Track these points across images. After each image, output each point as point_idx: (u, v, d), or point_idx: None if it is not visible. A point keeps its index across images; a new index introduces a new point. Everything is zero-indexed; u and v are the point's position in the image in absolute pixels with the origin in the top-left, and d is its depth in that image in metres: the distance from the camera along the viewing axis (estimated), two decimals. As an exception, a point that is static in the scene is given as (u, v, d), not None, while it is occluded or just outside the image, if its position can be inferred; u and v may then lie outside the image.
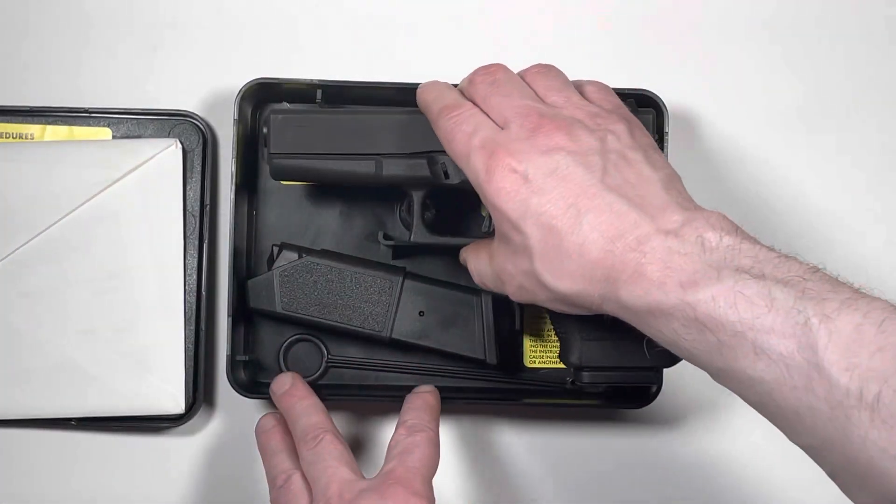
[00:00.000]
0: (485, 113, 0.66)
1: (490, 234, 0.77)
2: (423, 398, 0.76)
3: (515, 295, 0.66)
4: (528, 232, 0.61)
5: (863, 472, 0.52)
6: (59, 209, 0.79)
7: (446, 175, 0.75)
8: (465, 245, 0.76)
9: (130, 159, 0.80)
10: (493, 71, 0.68)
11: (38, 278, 0.79)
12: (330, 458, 0.71)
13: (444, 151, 0.72)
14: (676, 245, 0.58)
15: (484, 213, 0.79)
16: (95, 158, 0.80)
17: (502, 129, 0.64)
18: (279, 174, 0.77)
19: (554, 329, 0.79)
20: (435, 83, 0.71)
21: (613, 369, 0.72)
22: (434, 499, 0.69)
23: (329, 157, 0.75)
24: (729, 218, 0.59)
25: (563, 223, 0.60)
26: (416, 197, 0.76)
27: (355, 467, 0.71)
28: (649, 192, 0.61)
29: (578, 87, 0.69)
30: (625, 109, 0.68)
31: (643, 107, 0.81)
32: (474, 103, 0.67)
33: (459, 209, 0.80)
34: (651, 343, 0.61)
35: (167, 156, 0.81)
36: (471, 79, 0.68)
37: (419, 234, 0.77)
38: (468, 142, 0.64)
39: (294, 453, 0.74)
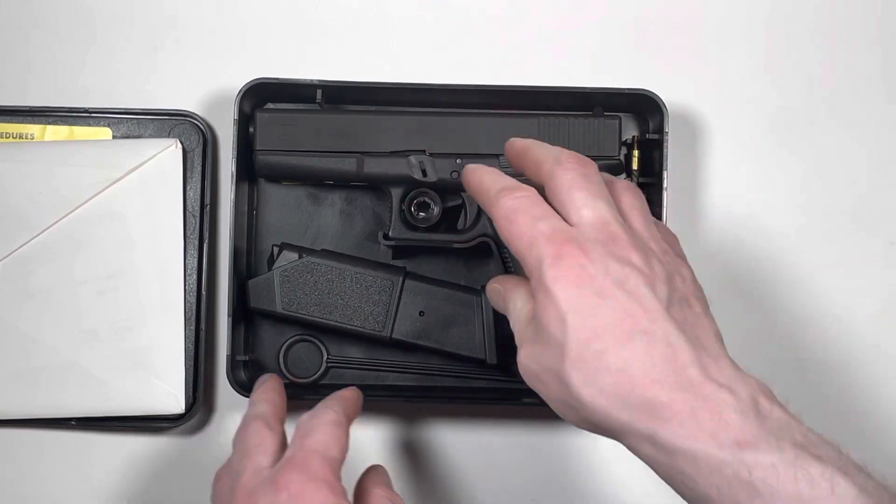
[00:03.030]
0: (554, 204, 0.63)
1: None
2: (337, 393, 0.72)
3: (532, 383, 0.63)
4: (572, 326, 0.58)
5: None
6: (59, 209, 0.79)
7: (424, 173, 0.78)
8: (444, 242, 0.79)
9: (131, 159, 0.80)
10: (586, 164, 0.63)
11: (39, 278, 0.79)
12: (248, 446, 0.67)
13: (422, 151, 0.78)
14: (730, 400, 0.56)
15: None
16: (96, 158, 0.80)
17: (572, 225, 0.61)
18: (264, 170, 0.80)
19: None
20: (485, 168, 0.67)
21: None
22: (338, 481, 0.64)
23: (312, 154, 0.79)
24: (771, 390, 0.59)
25: (615, 334, 0.57)
26: (396, 194, 0.79)
27: (275, 451, 0.66)
28: (706, 338, 0.59)
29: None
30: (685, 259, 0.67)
31: (642, 107, 0.81)
32: (550, 185, 0.63)
33: (461, 209, 0.81)
34: None
35: (168, 156, 0.81)
36: (560, 159, 0.63)
37: (397, 231, 0.79)
38: (534, 226, 0.61)
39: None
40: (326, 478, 0.63)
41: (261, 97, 0.81)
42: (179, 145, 0.81)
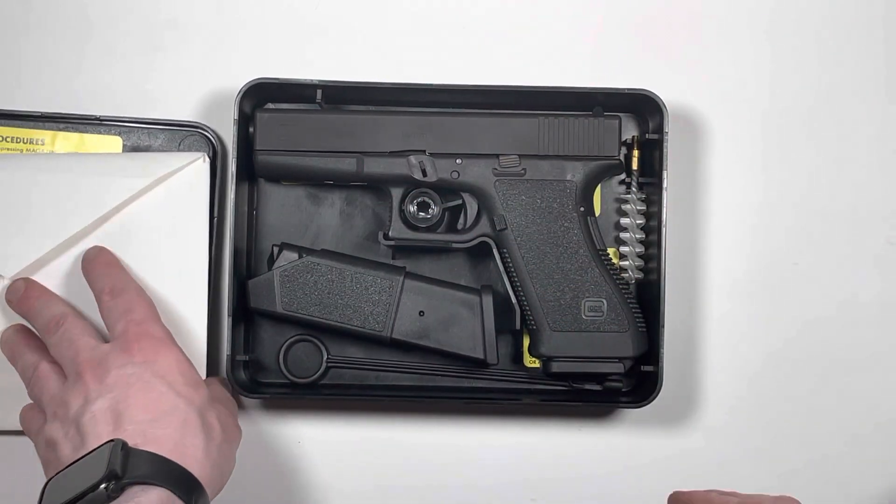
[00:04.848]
0: None
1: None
2: (101, 258, 0.77)
3: None
4: None
5: None
6: (84, 221, 0.79)
7: (424, 173, 0.79)
8: (444, 242, 0.80)
9: (156, 173, 0.79)
10: None
11: (64, 290, 0.79)
12: (73, 335, 0.73)
13: (422, 151, 0.78)
14: None
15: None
16: (121, 171, 0.80)
17: None
18: (264, 171, 0.80)
19: (525, 322, 0.80)
20: None
21: (580, 359, 0.78)
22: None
23: (312, 154, 0.79)
24: None
25: None
26: (396, 194, 0.80)
27: (99, 337, 0.73)
28: None
29: None
30: None
31: (641, 107, 0.81)
32: None
33: (462, 209, 0.81)
34: None
35: (193, 169, 0.80)
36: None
37: (397, 230, 0.80)
38: None
39: (40, 349, 0.76)
40: (168, 336, 0.73)
41: (261, 97, 0.81)
42: (207, 160, 0.81)
